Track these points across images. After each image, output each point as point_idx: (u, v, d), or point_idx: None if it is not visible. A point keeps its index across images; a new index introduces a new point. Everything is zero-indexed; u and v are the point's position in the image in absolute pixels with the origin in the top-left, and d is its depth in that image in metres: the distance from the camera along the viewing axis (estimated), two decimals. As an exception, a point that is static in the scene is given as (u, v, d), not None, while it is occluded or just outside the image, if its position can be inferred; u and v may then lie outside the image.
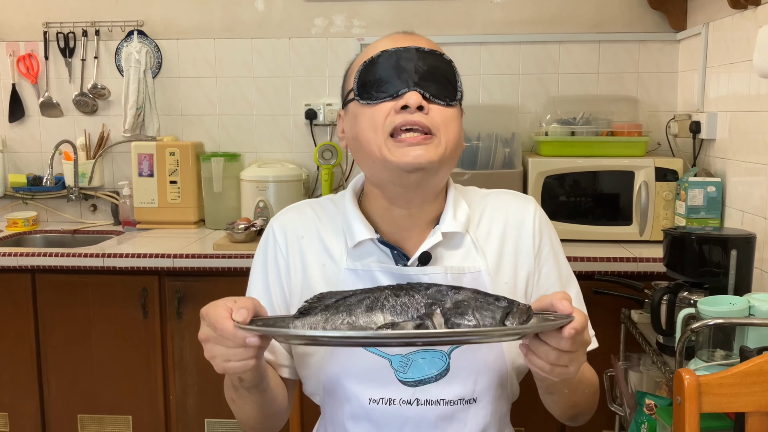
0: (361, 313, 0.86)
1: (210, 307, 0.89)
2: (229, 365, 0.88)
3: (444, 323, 0.84)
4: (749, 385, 1.04)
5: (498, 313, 0.84)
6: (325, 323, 0.86)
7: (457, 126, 1.02)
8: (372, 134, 0.99)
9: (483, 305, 0.84)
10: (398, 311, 0.85)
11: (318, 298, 0.90)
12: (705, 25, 2.34)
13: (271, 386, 1.04)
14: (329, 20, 2.77)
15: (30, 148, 2.93)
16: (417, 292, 0.87)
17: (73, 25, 2.83)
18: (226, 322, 0.85)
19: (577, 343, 0.85)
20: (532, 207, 1.13)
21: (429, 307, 0.85)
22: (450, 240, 1.07)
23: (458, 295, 0.86)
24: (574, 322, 0.83)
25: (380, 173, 1.02)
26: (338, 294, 0.89)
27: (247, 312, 0.86)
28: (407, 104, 0.97)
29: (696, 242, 1.66)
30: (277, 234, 1.13)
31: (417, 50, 1.01)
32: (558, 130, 2.48)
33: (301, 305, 0.90)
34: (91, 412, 2.36)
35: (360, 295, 0.88)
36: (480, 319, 0.83)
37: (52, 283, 2.31)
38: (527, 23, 2.71)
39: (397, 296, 0.86)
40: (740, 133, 2.08)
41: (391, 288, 0.88)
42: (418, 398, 1.04)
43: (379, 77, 1.00)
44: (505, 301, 0.85)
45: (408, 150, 0.97)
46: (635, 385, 1.90)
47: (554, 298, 0.87)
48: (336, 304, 0.88)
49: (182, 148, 2.70)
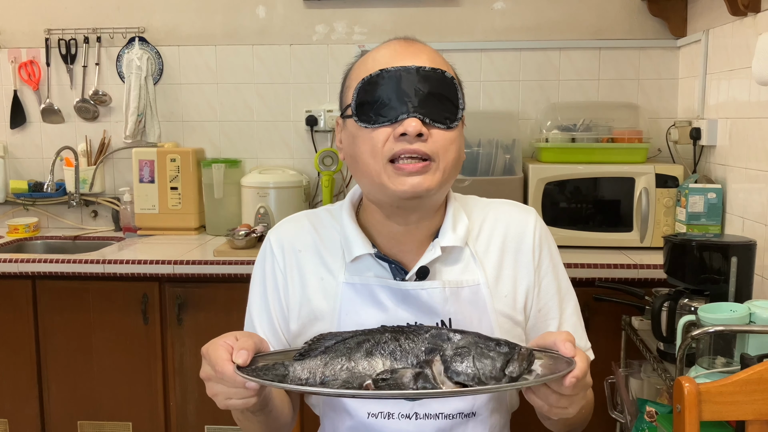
0: (360, 358, 0.86)
1: (211, 346, 0.89)
2: (231, 403, 0.88)
3: (443, 371, 0.83)
4: (749, 393, 1.04)
5: (498, 360, 0.83)
6: (324, 368, 0.86)
7: (457, 147, 1.00)
8: (371, 159, 0.98)
9: (483, 352, 0.84)
10: (398, 357, 0.85)
11: (317, 339, 0.90)
12: (705, 32, 2.34)
13: (277, 405, 1.04)
14: (330, 27, 2.77)
15: (31, 155, 2.93)
16: (417, 335, 0.86)
17: (74, 31, 2.84)
18: (226, 364, 0.85)
19: (577, 388, 0.85)
20: (532, 219, 1.12)
21: (429, 353, 0.85)
22: (449, 254, 1.06)
23: (459, 340, 0.85)
24: (575, 370, 0.82)
25: (377, 195, 1.01)
26: (338, 335, 0.89)
27: (247, 353, 0.86)
28: (406, 132, 0.95)
29: (696, 249, 1.66)
30: (274, 248, 1.12)
31: (418, 70, 0.97)
32: (558, 137, 2.48)
33: (301, 346, 0.90)
34: (91, 419, 2.35)
35: (360, 337, 0.88)
36: (480, 368, 0.83)
37: (53, 289, 2.31)
38: (528, 30, 2.71)
39: (397, 340, 0.86)
40: (740, 139, 2.08)
41: (391, 330, 0.88)
42: (417, 412, 1.03)
43: (377, 99, 0.97)
44: (506, 347, 0.84)
45: (406, 179, 0.96)
46: (636, 392, 1.90)
47: (558, 339, 0.86)
48: (335, 347, 0.88)
49: (183, 155, 2.70)
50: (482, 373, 0.82)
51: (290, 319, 1.09)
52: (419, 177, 0.96)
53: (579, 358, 0.83)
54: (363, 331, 0.89)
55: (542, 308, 1.10)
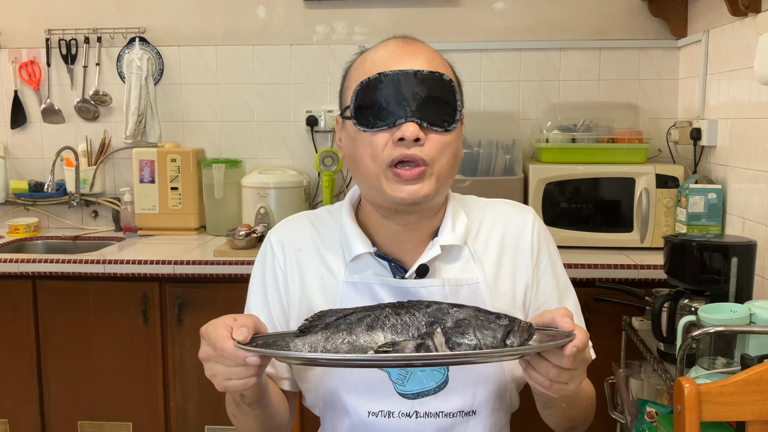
0: (361, 332, 0.85)
1: (210, 326, 0.88)
2: (230, 383, 0.88)
3: (445, 342, 0.83)
4: (750, 394, 1.04)
5: (499, 332, 0.83)
6: (326, 342, 0.86)
7: (453, 150, 1.01)
8: (371, 163, 0.99)
9: (484, 324, 0.84)
10: (399, 330, 0.85)
11: (318, 315, 0.89)
12: (705, 33, 2.34)
13: (273, 401, 1.03)
14: (330, 27, 2.77)
15: (31, 155, 2.93)
16: (418, 310, 0.86)
17: (75, 32, 2.84)
18: (226, 341, 0.85)
19: (577, 360, 0.85)
20: (530, 218, 1.13)
21: (430, 325, 0.85)
22: (448, 253, 1.07)
23: (459, 313, 0.85)
24: (575, 340, 0.82)
25: (376, 198, 1.02)
26: (339, 312, 0.89)
27: (247, 331, 0.86)
28: (404, 137, 0.96)
29: (697, 249, 1.66)
30: (275, 247, 1.12)
31: (415, 75, 0.98)
32: (559, 137, 2.48)
33: (302, 323, 0.89)
34: (91, 419, 2.35)
35: (360, 313, 0.88)
36: (481, 339, 0.83)
37: (53, 289, 2.31)
38: (528, 30, 2.71)
39: (398, 315, 0.86)
40: (741, 140, 2.08)
41: (391, 306, 0.88)
42: (417, 411, 1.03)
43: (376, 102, 0.98)
44: (506, 320, 0.85)
45: (404, 187, 0.97)
46: (636, 393, 1.90)
47: (556, 315, 0.86)
48: (336, 323, 0.87)
49: (183, 155, 2.70)
50: (483, 344, 0.82)
51: (290, 317, 1.10)
52: (416, 185, 0.97)
53: (578, 331, 0.84)
54: (363, 308, 0.89)
55: (541, 306, 1.10)
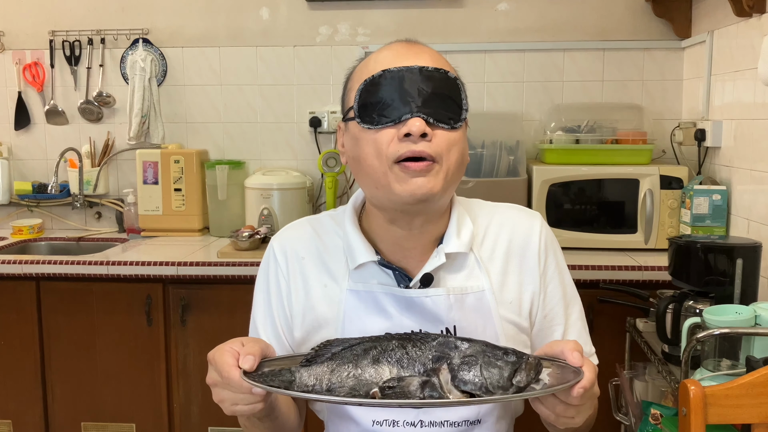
0: (367, 365, 0.85)
1: (217, 352, 0.88)
2: (237, 408, 0.88)
3: (450, 380, 0.83)
4: (756, 397, 1.03)
5: (506, 369, 0.83)
6: (331, 375, 0.86)
7: (460, 148, 0.99)
8: (376, 161, 0.96)
9: (491, 361, 0.83)
10: (405, 365, 0.85)
11: (324, 345, 0.89)
12: (710, 33, 2.34)
13: (283, 411, 1.03)
14: (334, 28, 2.77)
15: (35, 156, 2.94)
16: (425, 343, 0.86)
17: (78, 33, 2.84)
18: (232, 371, 0.85)
19: (584, 398, 0.84)
20: (537, 224, 1.11)
21: (436, 361, 0.84)
22: (453, 260, 1.05)
23: (467, 348, 0.85)
24: (583, 380, 0.82)
25: (381, 198, 1.00)
26: (345, 342, 0.89)
27: (253, 359, 0.86)
28: (410, 132, 0.94)
29: (701, 251, 1.65)
30: (278, 255, 1.11)
31: (420, 71, 0.96)
32: (562, 138, 2.47)
33: (308, 352, 0.90)
34: (94, 420, 2.35)
35: (367, 344, 0.87)
36: (487, 377, 0.82)
37: (57, 290, 2.32)
38: (532, 31, 2.71)
39: (404, 348, 0.86)
40: (745, 141, 2.07)
41: (398, 338, 0.88)
42: (422, 420, 1.02)
43: (381, 100, 0.96)
44: (513, 356, 0.84)
45: (411, 180, 0.95)
46: (640, 395, 1.89)
47: (565, 349, 0.85)
48: (342, 353, 0.87)
49: (187, 156, 2.70)
50: (489, 383, 0.82)
51: (294, 326, 1.09)
52: (423, 179, 0.95)
53: (587, 368, 0.83)
54: (370, 338, 0.89)
55: (548, 314, 1.09)
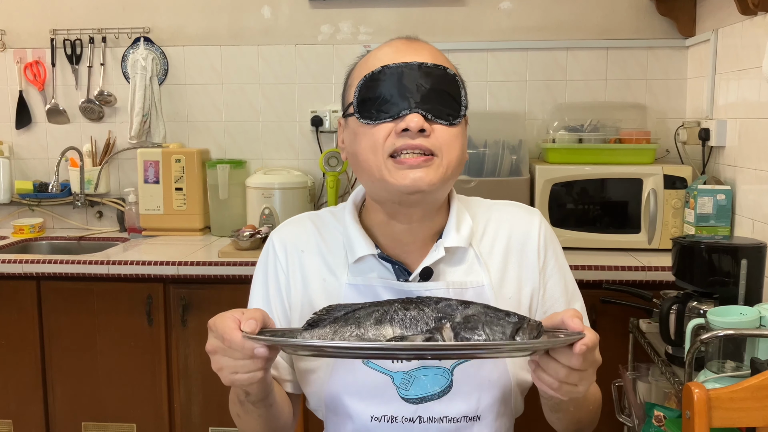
0: (370, 326, 0.85)
1: (218, 318, 0.87)
2: (237, 377, 0.87)
3: (453, 337, 0.82)
4: (761, 400, 1.02)
5: (508, 328, 0.83)
6: (334, 335, 0.85)
7: (460, 144, 0.99)
8: (372, 155, 0.97)
9: (493, 320, 0.83)
10: (407, 325, 0.84)
11: (327, 310, 0.89)
12: (714, 32, 2.32)
13: (277, 401, 1.02)
14: (335, 27, 2.76)
15: (36, 155, 2.93)
16: (426, 306, 0.86)
17: (79, 32, 2.83)
18: (234, 332, 0.84)
19: (587, 361, 0.83)
20: (537, 220, 1.11)
21: (438, 321, 0.84)
22: (453, 255, 1.05)
23: (468, 309, 0.85)
24: (585, 338, 0.81)
25: (379, 192, 1.00)
26: (347, 306, 0.88)
27: (255, 323, 0.85)
28: (408, 127, 0.94)
29: (705, 251, 1.64)
30: (277, 248, 1.11)
31: (420, 66, 0.96)
32: (565, 137, 2.46)
33: (310, 317, 0.89)
34: (95, 420, 2.35)
35: (369, 308, 0.87)
36: (490, 334, 0.82)
37: (58, 290, 2.31)
38: (534, 30, 2.70)
39: (407, 310, 0.85)
40: (750, 140, 2.06)
41: (400, 301, 0.87)
42: (421, 416, 1.02)
43: (379, 95, 0.96)
44: (515, 317, 0.84)
45: (408, 172, 0.95)
46: (644, 396, 1.88)
47: (565, 316, 0.85)
48: (345, 317, 0.87)
49: (188, 155, 2.70)
50: (492, 340, 0.82)
51: (292, 320, 1.08)
52: (421, 171, 0.95)
53: (588, 331, 0.83)
54: (372, 303, 0.88)
55: (548, 310, 1.08)
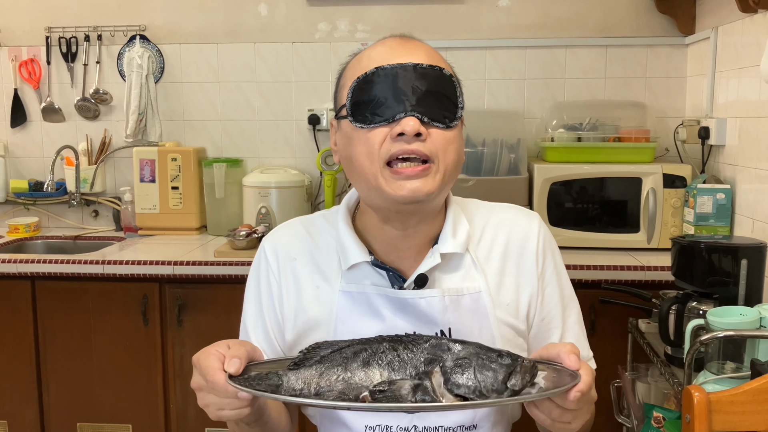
0: (357, 369, 0.83)
1: (201, 356, 0.86)
2: (223, 413, 0.86)
3: (443, 383, 0.80)
4: (762, 403, 1.01)
5: (501, 372, 0.80)
6: (320, 378, 0.83)
7: (456, 147, 0.96)
8: (367, 161, 0.93)
9: (485, 363, 0.81)
10: (396, 367, 0.82)
11: (313, 347, 0.87)
12: (714, 30, 2.30)
13: (273, 416, 1.01)
14: (333, 25, 2.74)
15: (32, 154, 2.91)
16: (416, 345, 0.84)
17: (75, 29, 2.81)
18: (217, 374, 0.82)
19: (581, 402, 0.82)
20: (536, 224, 1.08)
21: (428, 363, 0.82)
22: (449, 261, 1.02)
23: (460, 351, 0.82)
24: (580, 383, 0.80)
25: (375, 199, 0.97)
26: (334, 344, 0.86)
27: (239, 362, 0.84)
28: (404, 131, 0.91)
29: (705, 251, 1.63)
30: (269, 256, 1.08)
31: (415, 67, 0.93)
32: (564, 136, 2.44)
33: (296, 356, 0.87)
34: (90, 420, 2.33)
35: (357, 347, 0.85)
36: (481, 380, 0.80)
37: (52, 289, 2.30)
38: (533, 28, 2.68)
39: (395, 350, 0.83)
40: (750, 139, 2.04)
41: (389, 340, 0.85)
42: (416, 425, 1.00)
43: (373, 98, 0.93)
44: (508, 358, 0.81)
45: (405, 183, 0.92)
46: (643, 397, 1.87)
47: (562, 351, 0.83)
48: (331, 356, 0.85)
49: (184, 154, 2.68)
50: (483, 386, 0.79)
51: (285, 328, 1.06)
52: (419, 181, 0.92)
53: (584, 371, 0.81)
54: (360, 341, 0.86)
55: (545, 317, 1.06)
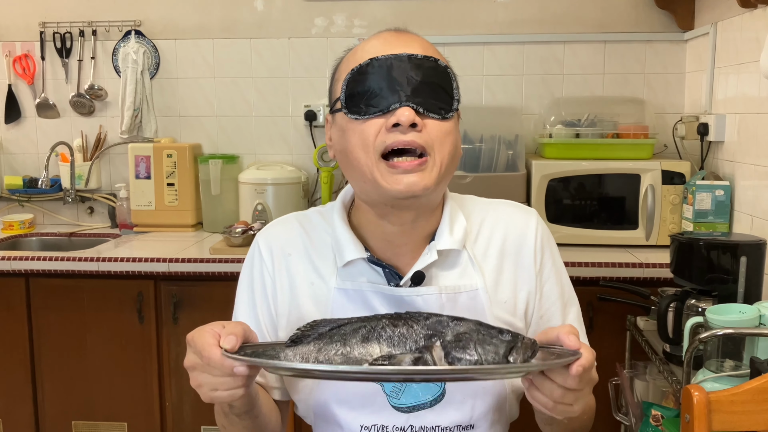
0: (356, 344, 0.81)
1: (196, 333, 0.84)
2: (216, 394, 0.83)
3: (444, 357, 0.79)
4: (762, 403, 0.99)
5: (501, 347, 0.79)
6: (318, 353, 0.81)
7: (453, 139, 0.95)
8: (362, 153, 0.92)
9: (485, 338, 0.79)
10: (395, 342, 0.80)
11: (311, 325, 0.85)
12: (713, 25, 2.29)
13: (264, 411, 0.99)
14: (330, 20, 2.72)
15: (26, 150, 2.89)
16: (416, 322, 0.82)
17: (69, 25, 2.79)
18: (213, 349, 0.81)
19: (583, 381, 0.81)
20: (534, 221, 1.07)
21: (428, 339, 0.80)
22: (446, 258, 1.01)
23: (460, 326, 0.81)
24: (582, 359, 0.78)
25: (370, 194, 0.96)
26: (333, 322, 0.84)
27: (235, 339, 0.82)
28: (399, 122, 0.90)
29: (704, 248, 1.61)
30: (263, 252, 1.07)
31: (410, 58, 0.92)
32: (562, 132, 2.43)
33: (294, 333, 0.85)
34: (85, 419, 2.32)
35: (356, 324, 0.83)
36: (482, 354, 0.78)
37: (47, 287, 2.28)
38: (531, 23, 2.66)
39: (395, 326, 0.81)
40: (749, 135, 2.03)
41: (388, 317, 0.83)
42: (413, 425, 0.98)
43: (368, 89, 0.92)
44: (508, 335, 0.80)
45: (401, 177, 0.90)
46: (641, 395, 1.86)
47: (561, 332, 0.82)
48: (330, 333, 0.83)
49: (180, 150, 2.66)
50: (484, 360, 0.78)
51: (279, 325, 1.05)
52: (415, 175, 0.91)
53: (584, 349, 0.80)
54: (359, 318, 0.84)
55: (544, 314, 1.05)
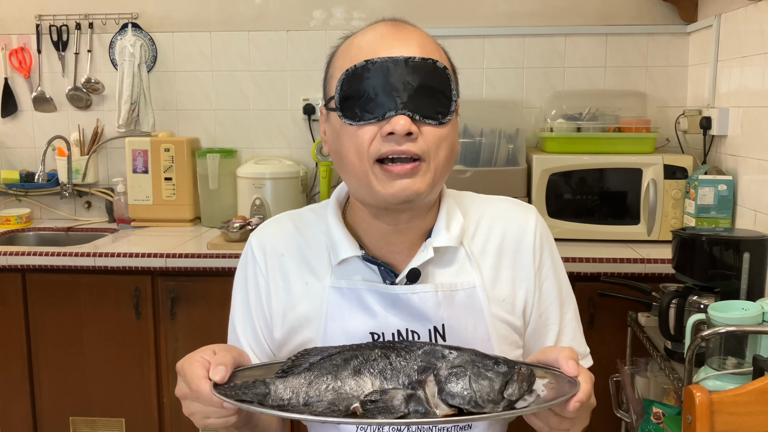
0: (347, 377, 0.79)
1: (186, 362, 0.83)
2: (210, 422, 0.83)
3: (437, 393, 0.77)
4: (765, 404, 0.98)
5: (497, 381, 0.77)
6: (309, 387, 0.80)
7: (449, 143, 0.92)
8: (356, 159, 0.90)
9: (480, 372, 0.77)
10: (388, 376, 0.79)
11: (302, 354, 0.84)
12: (717, 17, 2.26)
13: (263, 420, 0.98)
14: (328, 12, 2.70)
15: (23, 144, 2.88)
16: (409, 352, 0.80)
17: (66, 17, 2.77)
18: (202, 382, 0.80)
19: (580, 411, 0.79)
20: (533, 218, 1.04)
21: (422, 372, 0.79)
22: (442, 255, 0.99)
23: (455, 358, 0.79)
24: (579, 393, 0.77)
25: (365, 195, 0.93)
26: (324, 350, 0.83)
27: (225, 369, 0.81)
28: (394, 131, 0.87)
29: (706, 244, 1.60)
30: (256, 253, 1.05)
31: (407, 62, 0.88)
32: (563, 126, 2.41)
33: (284, 362, 0.84)
34: (83, 415, 2.31)
35: (347, 353, 0.82)
36: (477, 390, 0.76)
37: (43, 282, 2.26)
38: (532, 15, 2.63)
39: (388, 358, 0.80)
40: (753, 129, 2.01)
41: (381, 346, 0.82)
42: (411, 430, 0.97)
43: (363, 93, 0.89)
44: (504, 366, 0.78)
45: (395, 182, 0.88)
46: (642, 392, 1.84)
47: (561, 356, 0.80)
48: (321, 363, 0.81)
49: (177, 144, 2.64)
50: (479, 396, 0.76)
51: (274, 327, 1.03)
52: (408, 180, 0.89)
53: (582, 378, 0.78)
54: (351, 347, 0.83)
55: (543, 313, 1.03)
